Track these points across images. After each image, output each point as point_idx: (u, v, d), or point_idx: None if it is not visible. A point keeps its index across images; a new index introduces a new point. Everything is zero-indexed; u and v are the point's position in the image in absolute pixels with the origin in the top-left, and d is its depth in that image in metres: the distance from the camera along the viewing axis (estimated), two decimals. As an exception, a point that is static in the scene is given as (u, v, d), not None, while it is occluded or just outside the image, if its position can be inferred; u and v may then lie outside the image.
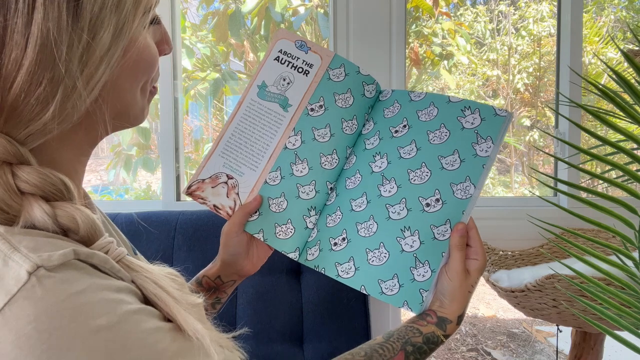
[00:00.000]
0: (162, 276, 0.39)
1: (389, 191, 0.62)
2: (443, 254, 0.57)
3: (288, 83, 0.69)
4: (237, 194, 0.67)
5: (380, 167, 0.64)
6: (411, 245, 0.58)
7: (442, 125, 0.63)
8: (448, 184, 0.59)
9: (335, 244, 0.62)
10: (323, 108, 0.68)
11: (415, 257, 0.57)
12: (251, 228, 0.65)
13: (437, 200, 0.59)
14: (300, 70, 0.70)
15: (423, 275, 0.57)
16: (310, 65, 0.70)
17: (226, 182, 0.67)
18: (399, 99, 0.68)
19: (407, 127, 0.65)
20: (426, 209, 0.59)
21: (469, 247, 0.58)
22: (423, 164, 0.61)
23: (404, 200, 0.61)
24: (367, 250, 0.60)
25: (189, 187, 0.68)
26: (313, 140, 0.67)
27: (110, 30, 0.37)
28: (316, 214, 0.66)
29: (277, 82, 0.69)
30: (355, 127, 0.69)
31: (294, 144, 0.67)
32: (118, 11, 0.37)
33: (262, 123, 0.69)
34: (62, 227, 0.35)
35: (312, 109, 0.68)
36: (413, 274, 0.57)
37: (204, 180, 0.68)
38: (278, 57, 0.70)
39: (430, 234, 0.58)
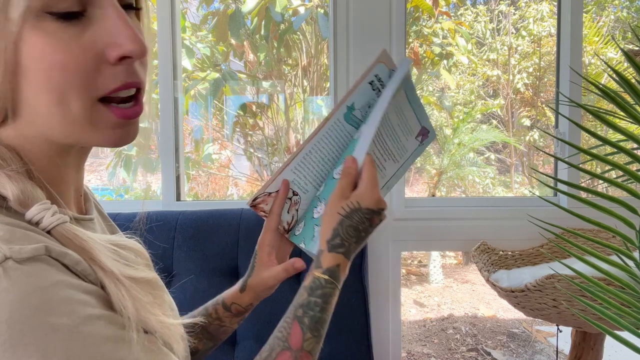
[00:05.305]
0: (101, 246, 0.38)
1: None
2: None
3: (369, 107, 0.67)
4: (297, 210, 0.68)
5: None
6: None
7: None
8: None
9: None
10: None
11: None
12: (296, 239, 0.67)
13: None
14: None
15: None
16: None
17: (290, 198, 0.67)
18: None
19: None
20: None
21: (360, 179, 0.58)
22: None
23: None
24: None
25: (254, 199, 0.67)
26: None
27: None
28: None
29: (363, 108, 0.67)
30: None
31: None
32: None
33: (338, 145, 0.67)
34: None
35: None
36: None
37: (270, 193, 0.67)
38: (372, 81, 0.67)
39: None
